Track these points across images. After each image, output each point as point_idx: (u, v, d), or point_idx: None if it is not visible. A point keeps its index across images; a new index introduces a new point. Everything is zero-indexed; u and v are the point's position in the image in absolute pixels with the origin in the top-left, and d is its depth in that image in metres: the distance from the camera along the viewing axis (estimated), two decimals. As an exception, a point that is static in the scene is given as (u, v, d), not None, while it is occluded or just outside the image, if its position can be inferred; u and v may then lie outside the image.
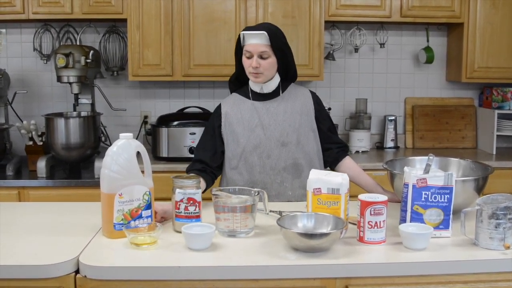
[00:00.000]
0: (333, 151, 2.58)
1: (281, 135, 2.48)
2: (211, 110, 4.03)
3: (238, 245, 1.87)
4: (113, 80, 4.17)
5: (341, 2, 3.87)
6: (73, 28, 4.04)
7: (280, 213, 2.16)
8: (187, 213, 1.96)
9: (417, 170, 2.06)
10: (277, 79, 2.52)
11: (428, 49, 4.23)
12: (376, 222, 1.85)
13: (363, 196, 1.88)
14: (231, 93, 2.65)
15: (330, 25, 4.15)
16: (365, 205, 1.85)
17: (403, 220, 1.96)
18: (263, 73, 2.43)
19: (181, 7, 3.76)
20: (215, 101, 4.20)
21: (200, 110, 3.96)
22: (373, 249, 1.84)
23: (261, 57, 2.41)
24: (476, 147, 4.35)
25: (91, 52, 3.61)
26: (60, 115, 3.71)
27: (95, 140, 3.63)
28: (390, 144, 4.27)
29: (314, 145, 2.54)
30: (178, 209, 1.97)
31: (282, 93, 2.55)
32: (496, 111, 4.08)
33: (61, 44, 4.00)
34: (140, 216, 1.96)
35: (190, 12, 3.77)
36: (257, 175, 2.48)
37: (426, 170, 2.01)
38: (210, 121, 2.59)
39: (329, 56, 4.16)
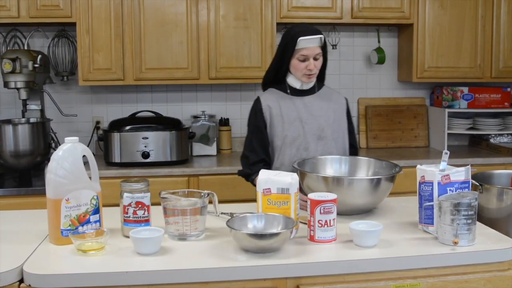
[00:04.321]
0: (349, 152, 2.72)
1: (318, 129, 2.58)
2: (164, 114, 4.03)
3: (188, 248, 1.84)
4: (63, 85, 4.09)
5: (292, 4, 3.88)
6: (20, 33, 3.94)
7: (231, 214, 2.15)
8: (136, 217, 1.92)
9: (430, 167, 2.02)
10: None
11: (379, 50, 4.27)
12: (326, 221, 1.85)
13: (313, 195, 1.88)
14: (263, 91, 2.71)
15: (282, 27, 4.15)
16: (314, 204, 1.85)
17: (430, 218, 1.95)
18: (316, 73, 2.57)
19: (131, 10, 3.71)
20: (168, 105, 4.17)
21: (153, 114, 3.91)
22: (324, 248, 1.84)
23: (314, 58, 2.52)
24: (429, 145, 4.42)
25: (39, 56, 3.53)
26: (8, 121, 3.62)
27: (45, 147, 3.55)
28: (344, 144, 4.28)
29: (344, 142, 2.66)
30: (127, 213, 1.93)
31: (317, 91, 2.66)
32: (447, 110, 4.16)
33: (8, 49, 3.91)
34: (88, 221, 1.92)
35: (141, 15, 3.73)
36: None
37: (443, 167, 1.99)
38: (252, 118, 2.64)
39: (282, 58, 4.16)
